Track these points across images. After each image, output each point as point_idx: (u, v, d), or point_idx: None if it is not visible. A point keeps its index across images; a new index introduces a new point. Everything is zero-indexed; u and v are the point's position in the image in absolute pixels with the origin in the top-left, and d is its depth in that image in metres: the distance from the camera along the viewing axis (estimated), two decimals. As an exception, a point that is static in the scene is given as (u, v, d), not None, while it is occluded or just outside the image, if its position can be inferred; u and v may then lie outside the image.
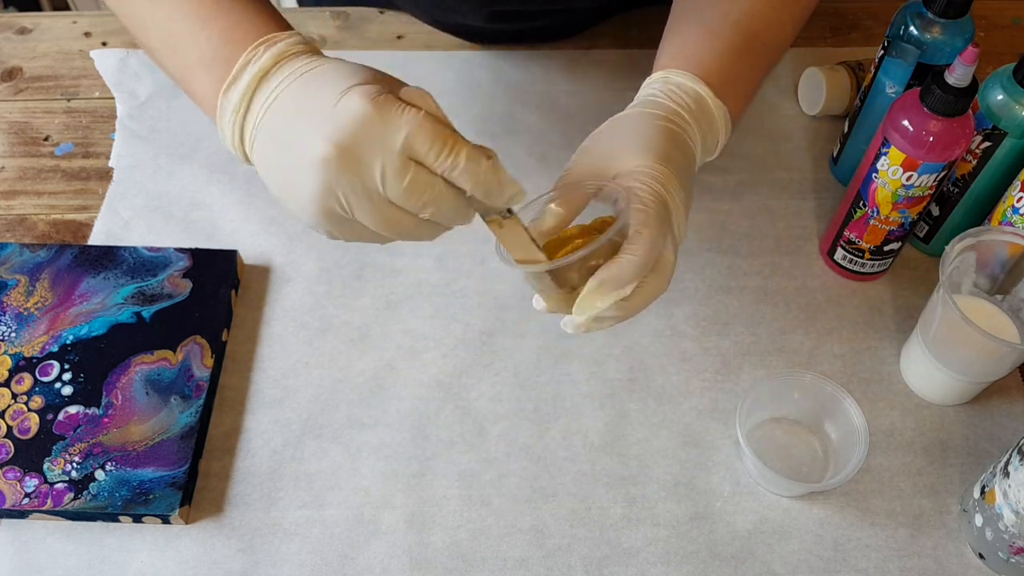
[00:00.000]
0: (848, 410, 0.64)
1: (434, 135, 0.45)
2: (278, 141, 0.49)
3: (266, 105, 0.50)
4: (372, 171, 0.46)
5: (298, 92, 0.49)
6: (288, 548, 0.62)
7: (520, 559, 0.62)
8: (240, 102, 0.50)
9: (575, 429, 0.67)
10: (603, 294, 0.50)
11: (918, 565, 0.62)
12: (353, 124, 0.45)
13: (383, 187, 0.46)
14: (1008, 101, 0.65)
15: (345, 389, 0.69)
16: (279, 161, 0.49)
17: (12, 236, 0.77)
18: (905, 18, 0.70)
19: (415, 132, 0.45)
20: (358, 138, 0.45)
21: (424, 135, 0.45)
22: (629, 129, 0.56)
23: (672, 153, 0.55)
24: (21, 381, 0.66)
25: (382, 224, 0.48)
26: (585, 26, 0.90)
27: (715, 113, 0.59)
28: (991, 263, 0.65)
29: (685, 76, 0.58)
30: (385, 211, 0.47)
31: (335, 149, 0.45)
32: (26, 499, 0.62)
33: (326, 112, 0.46)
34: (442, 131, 0.46)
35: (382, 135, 0.45)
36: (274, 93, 0.49)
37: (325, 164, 0.46)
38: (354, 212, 0.47)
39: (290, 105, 0.49)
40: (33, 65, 0.89)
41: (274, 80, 0.50)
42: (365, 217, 0.47)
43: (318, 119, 0.46)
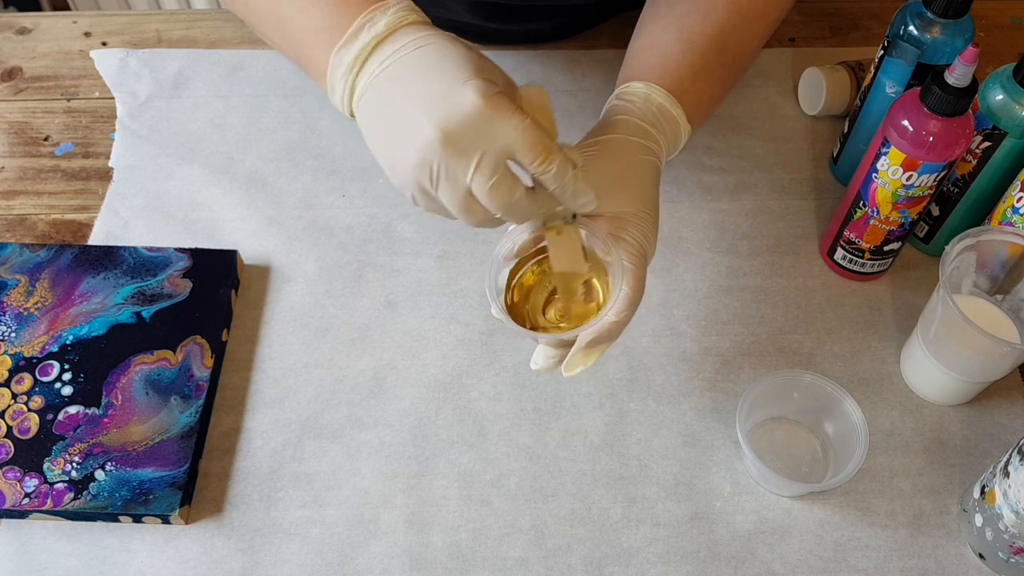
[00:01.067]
0: (848, 410, 0.64)
1: (534, 144, 0.49)
2: (388, 108, 0.52)
3: (383, 67, 0.52)
4: (468, 163, 0.49)
5: (415, 67, 0.51)
6: (288, 548, 0.63)
7: (520, 559, 0.62)
8: (354, 62, 0.53)
9: (575, 429, 0.67)
10: (590, 355, 0.55)
11: (918, 565, 0.62)
12: (465, 116, 0.48)
13: (470, 180, 0.49)
14: (1008, 101, 0.65)
15: (345, 389, 0.69)
16: (386, 127, 0.52)
17: (12, 236, 0.77)
18: (905, 18, 0.70)
19: (519, 139, 0.49)
20: (465, 130, 0.48)
21: (526, 143, 0.49)
22: (618, 164, 0.59)
23: (654, 194, 0.59)
24: (21, 381, 0.66)
25: (458, 208, 0.51)
26: (585, 26, 0.90)
27: (682, 134, 0.63)
28: (991, 263, 0.65)
29: (665, 97, 0.61)
30: (465, 200, 0.50)
31: (441, 133, 0.48)
32: (26, 499, 0.62)
33: (442, 95, 0.49)
34: (542, 141, 0.49)
35: (488, 133, 0.49)
36: (390, 59, 0.52)
37: (428, 143, 0.49)
38: (439, 190, 0.50)
39: (406, 77, 0.51)
40: (33, 65, 0.89)
41: (389, 47, 0.52)
42: (446, 198, 0.51)
43: (434, 101, 0.49)
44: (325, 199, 0.79)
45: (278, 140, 0.83)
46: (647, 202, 0.58)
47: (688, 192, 0.80)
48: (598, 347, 0.55)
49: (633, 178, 0.58)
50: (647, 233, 0.57)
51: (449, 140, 0.48)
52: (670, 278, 0.75)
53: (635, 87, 0.62)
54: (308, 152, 0.82)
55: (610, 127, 0.60)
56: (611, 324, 0.54)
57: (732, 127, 0.84)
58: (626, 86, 0.62)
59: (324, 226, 0.77)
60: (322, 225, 0.77)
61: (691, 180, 0.80)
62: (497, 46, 0.89)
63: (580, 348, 0.55)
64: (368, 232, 0.77)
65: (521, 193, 0.50)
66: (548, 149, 0.49)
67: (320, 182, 0.80)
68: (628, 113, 0.60)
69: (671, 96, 0.61)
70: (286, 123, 0.84)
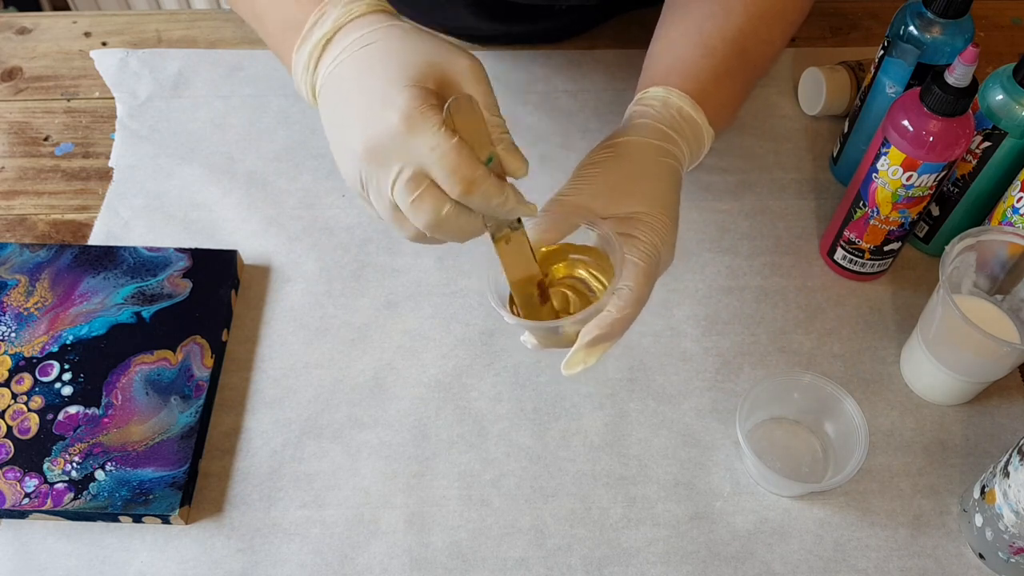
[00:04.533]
0: (848, 410, 0.64)
1: (452, 171, 0.47)
2: (333, 114, 0.52)
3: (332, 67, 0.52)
4: (388, 177, 0.48)
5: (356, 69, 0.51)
6: (288, 548, 0.63)
7: (520, 559, 0.62)
8: (308, 61, 0.53)
9: (575, 429, 0.67)
10: (592, 352, 0.53)
11: (918, 565, 0.62)
12: (384, 134, 0.48)
13: (392, 194, 0.48)
14: (1008, 101, 0.65)
15: (345, 389, 0.69)
16: (331, 132, 0.52)
17: (12, 236, 0.77)
18: (905, 18, 0.70)
19: (435, 162, 0.47)
20: (384, 145, 0.48)
21: (443, 168, 0.47)
22: (633, 165, 0.57)
23: (669, 196, 0.57)
24: (21, 381, 0.66)
25: (388, 220, 0.50)
26: (585, 27, 0.90)
27: (705, 139, 0.60)
28: (991, 263, 0.65)
29: (685, 100, 0.59)
30: (392, 212, 0.50)
31: (363, 148, 0.48)
32: (26, 499, 0.62)
33: (368, 109, 0.49)
34: (460, 168, 0.47)
35: (405, 151, 0.47)
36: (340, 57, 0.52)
37: (354, 156, 0.49)
38: (372, 201, 0.50)
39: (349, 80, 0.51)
40: (33, 65, 0.89)
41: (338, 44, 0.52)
42: (378, 209, 0.50)
43: (360, 114, 0.49)
44: (325, 199, 0.79)
45: (278, 140, 0.83)
46: (662, 204, 0.56)
47: (688, 192, 0.79)
48: (600, 345, 0.53)
49: (647, 179, 0.56)
50: (661, 235, 0.55)
51: (370, 154, 0.48)
52: (670, 278, 0.75)
53: (653, 92, 0.60)
54: (308, 152, 0.82)
55: (628, 131, 0.58)
56: (613, 321, 0.52)
57: (732, 127, 0.84)
58: (645, 91, 0.60)
59: (324, 226, 0.77)
60: (322, 225, 0.77)
61: (691, 180, 0.80)
62: (497, 46, 0.89)
63: (582, 346, 0.53)
64: (368, 232, 0.77)
65: (450, 209, 0.48)
66: (467, 178, 0.47)
67: (320, 182, 0.80)
68: (647, 117, 0.59)
69: (691, 100, 0.59)
70: (286, 123, 0.84)
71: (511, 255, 0.52)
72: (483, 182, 0.47)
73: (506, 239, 0.51)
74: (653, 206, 0.55)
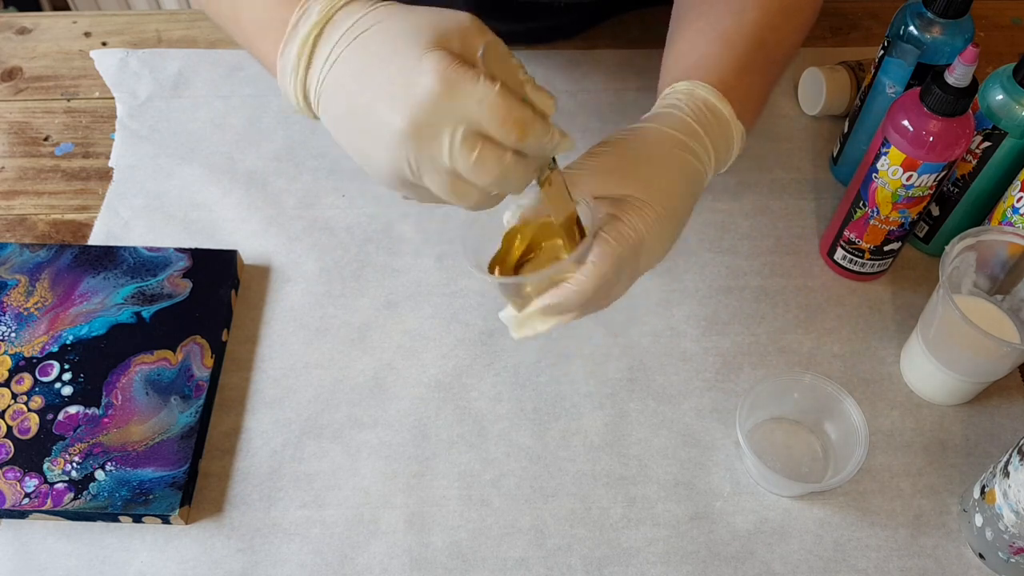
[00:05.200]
0: (848, 410, 0.64)
1: (504, 118, 0.45)
2: (349, 106, 0.48)
3: (330, 63, 0.49)
4: (441, 147, 0.46)
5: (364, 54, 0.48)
6: (288, 548, 0.62)
7: (520, 559, 0.62)
8: (298, 61, 0.49)
9: (575, 429, 0.67)
10: (545, 319, 0.52)
11: (918, 565, 0.62)
12: (426, 101, 0.45)
13: (451, 162, 0.46)
14: (1008, 101, 0.65)
15: (345, 389, 0.69)
16: (351, 127, 0.49)
17: (12, 236, 0.77)
18: (905, 18, 0.70)
19: (486, 115, 0.45)
20: (431, 116, 0.45)
21: (495, 117, 0.45)
22: (645, 149, 0.55)
23: (674, 187, 0.54)
24: (21, 381, 0.66)
25: (449, 194, 0.48)
26: (585, 26, 0.90)
27: (733, 133, 0.58)
28: (991, 263, 0.65)
29: (710, 92, 0.57)
30: (453, 183, 0.47)
31: (410, 126, 0.45)
32: (26, 499, 0.62)
33: (398, 84, 0.46)
34: (513, 111, 0.45)
35: (452, 114, 0.45)
36: (337, 49, 0.48)
37: (398, 138, 0.46)
38: (423, 180, 0.47)
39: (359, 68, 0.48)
40: (33, 65, 0.89)
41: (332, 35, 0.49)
42: (434, 187, 0.48)
43: (393, 91, 0.46)
44: (325, 199, 0.79)
45: (278, 140, 0.82)
46: (661, 192, 0.53)
47: (688, 192, 0.80)
48: (554, 315, 0.52)
49: (651, 166, 0.54)
50: (648, 223, 0.52)
51: (416, 130, 0.45)
52: (670, 278, 0.75)
53: (678, 86, 0.58)
54: (308, 152, 0.82)
55: (650, 119, 0.57)
56: (567, 290, 0.51)
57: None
58: (672, 87, 0.59)
59: (324, 226, 0.77)
60: (322, 225, 0.77)
61: (691, 180, 0.80)
62: (497, 46, 0.89)
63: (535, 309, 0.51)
64: (368, 232, 0.77)
65: (511, 157, 0.46)
66: (520, 121, 0.45)
67: (320, 182, 0.80)
68: (672, 107, 0.57)
69: (717, 92, 0.57)
70: (286, 123, 0.84)
71: (554, 196, 0.51)
72: (534, 122, 0.46)
73: (548, 181, 0.51)
74: (649, 193, 0.53)
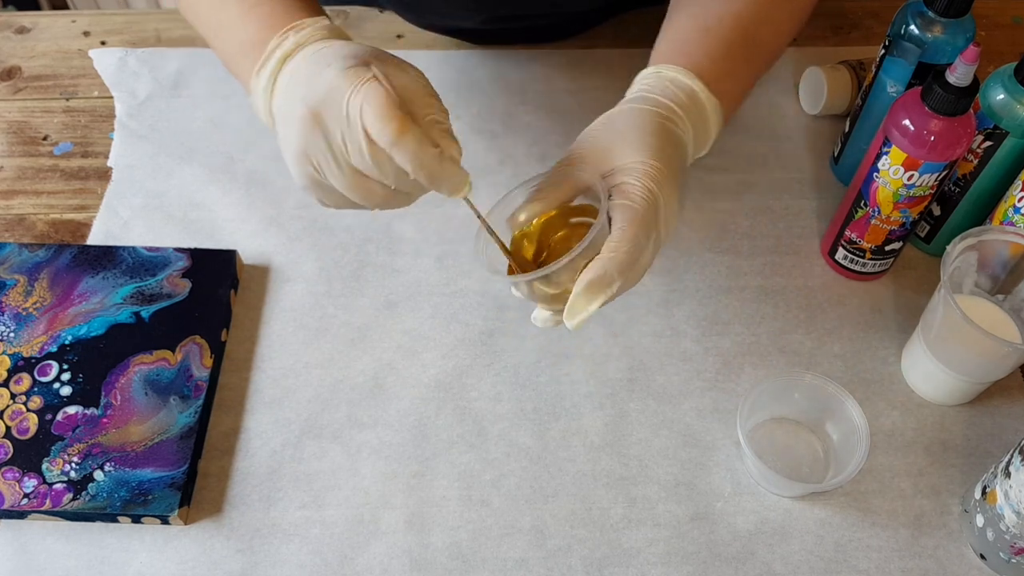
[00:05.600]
0: (849, 410, 0.64)
1: (383, 112, 0.47)
2: (282, 110, 0.53)
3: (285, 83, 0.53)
4: (335, 137, 0.48)
5: (304, 69, 0.52)
6: (287, 548, 0.62)
7: (520, 559, 0.62)
8: (268, 82, 0.54)
9: (575, 429, 0.67)
10: (591, 297, 0.50)
11: (919, 566, 0.62)
12: (322, 90, 0.49)
13: (347, 153, 0.49)
14: (1009, 100, 0.65)
15: (345, 389, 0.69)
16: (281, 127, 0.53)
17: (11, 236, 0.77)
18: (906, 17, 0.69)
19: (366, 105, 0.47)
20: (324, 104, 0.48)
21: (374, 110, 0.47)
22: (625, 125, 0.56)
23: (666, 149, 0.54)
24: (20, 381, 0.66)
25: (352, 190, 0.50)
26: (585, 26, 0.90)
27: (707, 108, 0.58)
28: (992, 263, 0.65)
29: (678, 71, 0.58)
30: (352, 178, 0.50)
31: (306, 110, 0.49)
32: (25, 499, 0.62)
33: (310, 81, 0.50)
34: (393, 110, 0.47)
35: (343, 104, 0.48)
36: (291, 72, 0.53)
37: (301, 125, 0.49)
38: (325, 175, 0.50)
39: (296, 79, 0.52)
40: (32, 64, 0.89)
41: (294, 62, 0.53)
42: (335, 181, 0.50)
43: (303, 87, 0.50)
44: (325, 199, 0.79)
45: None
46: (656, 153, 0.53)
47: (689, 191, 0.79)
48: (599, 291, 0.50)
49: (639, 132, 0.54)
50: (655, 179, 0.52)
51: (314, 116, 0.48)
52: (671, 278, 0.74)
53: (644, 71, 0.60)
54: (308, 152, 0.82)
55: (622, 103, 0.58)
56: (607, 260, 0.50)
57: (733, 126, 0.84)
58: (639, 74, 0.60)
59: (324, 226, 0.77)
60: (322, 225, 0.77)
61: (692, 179, 0.80)
62: (497, 46, 0.89)
63: (578, 291, 0.50)
64: (368, 232, 0.77)
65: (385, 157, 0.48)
66: (397, 118, 0.47)
67: (320, 182, 0.80)
68: (640, 91, 0.58)
69: (685, 70, 0.58)
70: (286, 122, 0.83)
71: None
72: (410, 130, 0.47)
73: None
74: (645, 153, 0.53)
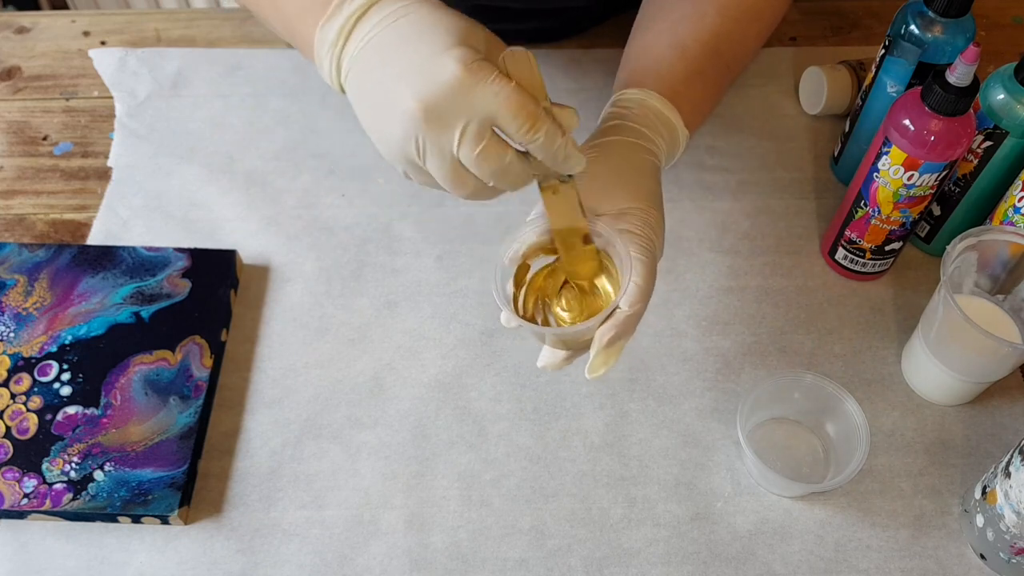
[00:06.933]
0: (849, 410, 0.64)
1: (518, 111, 0.47)
2: (373, 81, 0.51)
3: (366, 40, 0.51)
4: (452, 133, 0.48)
5: (397, 37, 0.50)
6: (287, 549, 0.62)
7: (520, 559, 0.62)
8: (338, 37, 0.52)
9: (575, 429, 0.67)
10: (613, 352, 0.54)
11: (919, 566, 0.62)
12: (444, 87, 0.47)
13: (456, 151, 0.49)
14: (1009, 100, 0.65)
15: (345, 389, 0.69)
16: (371, 100, 0.51)
17: (11, 236, 0.77)
18: (906, 17, 0.69)
19: (501, 106, 0.47)
20: (445, 101, 0.47)
21: (509, 110, 0.47)
22: (621, 163, 0.59)
23: (658, 191, 0.59)
24: (20, 381, 0.66)
25: (447, 180, 0.50)
26: (585, 26, 0.90)
27: (680, 139, 0.63)
28: (992, 263, 0.65)
29: (660, 102, 0.62)
30: (454, 170, 0.50)
31: (421, 106, 0.47)
32: (25, 499, 0.61)
33: (422, 66, 0.48)
34: (526, 107, 0.47)
35: (469, 103, 0.47)
36: (374, 30, 0.51)
37: (411, 117, 0.48)
38: (427, 163, 0.50)
39: (387, 50, 0.50)
40: (32, 64, 0.89)
41: (373, 18, 0.51)
42: (435, 170, 0.50)
43: (413, 72, 0.48)
44: (324, 199, 0.79)
45: (278, 140, 0.82)
46: (651, 199, 0.58)
47: (689, 192, 0.79)
48: (617, 343, 0.54)
49: (634, 175, 0.58)
50: (653, 227, 0.57)
51: (430, 112, 0.47)
52: (671, 278, 0.74)
53: (630, 94, 0.62)
54: (308, 152, 0.82)
55: (609, 131, 0.61)
56: (626, 317, 0.53)
57: (733, 126, 0.84)
58: (621, 93, 0.63)
59: (324, 226, 0.77)
60: (321, 225, 0.77)
61: (692, 180, 0.80)
62: (497, 45, 0.89)
63: (600, 348, 0.54)
64: (368, 232, 0.77)
65: (512, 157, 0.49)
66: (533, 115, 0.48)
67: (320, 182, 0.80)
68: (625, 119, 0.61)
69: (666, 101, 0.62)
70: (286, 123, 0.83)
71: (558, 204, 0.54)
72: (546, 122, 0.48)
73: (553, 189, 0.53)
74: (643, 200, 0.57)
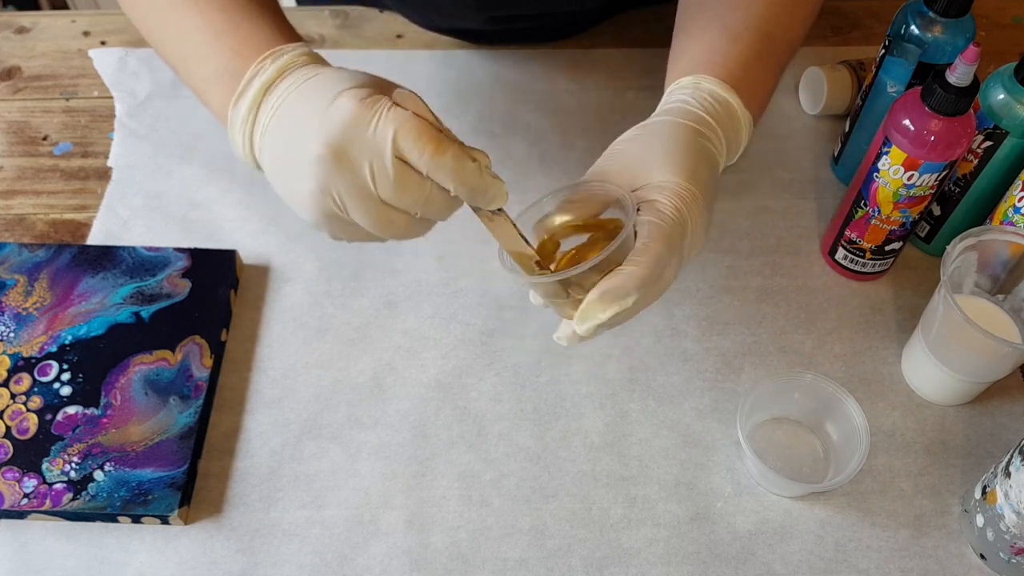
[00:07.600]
0: (849, 410, 0.64)
1: (419, 134, 0.46)
2: (280, 146, 0.51)
3: (271, 114, 0.51)
4: (363, 170, 0.47)
5: (298, 99, 0.51)
6: (287, 549, 0.62)
7: (520, 559, 0.62)
8: (248, 113, 0.52)
9: (575, 429, 0.67)
10: (605, 305, 0.50)
11: (919, 566, 0.62)
12: (343, 124, 0.47)
13: (375, 186, 0.47)
14: (1009, 100, 0.65)
15: (345, 389, 0.69)
16: (281, 165, 0.51)
17: (11, 236, 0.77)
18: (906, 17, 0.69)
19: (400, 130, 0.46)
20: (348, 137, 0.47)
21: (409, 133, 0.46)
22: (662, 140, 0.55)
23: (701, 171, 0.54)
24: (20, 381, 0.66)
25: (376, 223, 0.49)
26: (585, 26, 0.90)
27: (742, 122, 0.58)
28: (992, 263, 0.65)
29: (716, 83, 0.57)
30: (378, 210, 0.48)
31: (327, 149, 0.47)
32: (25, 499, 0.61)
33: (320, 115, 0.48)
34: (428, 130, 0.46)
35: (370, 134, 0.46)
36: (277, 102, 0.51)
37: (320, 164, 0.47)
38: (348, 211, 0.48)
39: (291, 112, 0.51)
40: (32, 64, 0.88)
41: (278, 91, 0.52)
42: (359, 217, 0.49)
43: (313, 122, 0.48)
44: (325, 199, 0.79)
45: (277, 139, 0.82)
46: (690, 174, 0.53)
47: (688, 192, 0.79)
48: (614, 300, 0.49)
49: (676, 151, 0.54)
50: (687, 201, 0.52)
51: (338, 152, 0.46)
52: (671, 278, 0.74)
53: (683, 81, 0.58)
54: (308, 151, 0.81)
55: (660, 113, 0.57)
56: (625, 274, 0.49)
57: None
58: (676, 83, 0.59)
59: (324, 226, 0.77)
60: (322, 225, 0.77)
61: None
62: (497, 46, 0.89)
63: (593, 298, 0.49)
64: (368, 232, 0.77)
65: (431, 185, 0.47)
66: (435, 139, 0.46)
67: (320, 182, 0.80)
68: (679, 102, 0.57)
69: (722, 83, 0.57)
70: (285, 122, 0.83)
71: (497, 230, 0.52)
72: (451, 146, 0.47)
73: (488, 216, 0.51)
74: (679, 175, 0.52)
